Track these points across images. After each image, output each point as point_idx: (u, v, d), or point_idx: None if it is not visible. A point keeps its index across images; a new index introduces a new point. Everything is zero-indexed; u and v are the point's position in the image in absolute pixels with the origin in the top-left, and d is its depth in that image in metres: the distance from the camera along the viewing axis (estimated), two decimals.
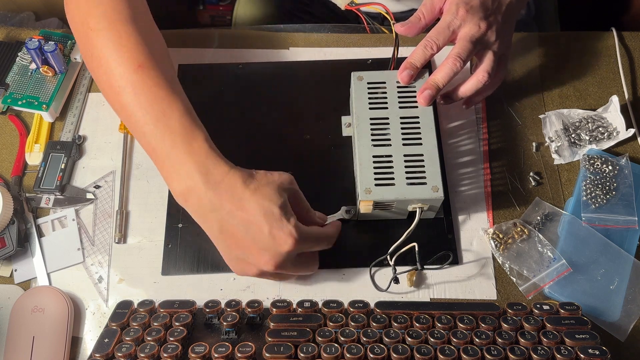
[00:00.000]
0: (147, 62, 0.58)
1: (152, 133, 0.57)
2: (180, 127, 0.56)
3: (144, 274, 0.65)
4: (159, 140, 0.56)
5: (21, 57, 0.76)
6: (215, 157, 0.56)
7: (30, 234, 0.67)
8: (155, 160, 0.58)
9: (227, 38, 0.81)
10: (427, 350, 0.54)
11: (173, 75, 0.60)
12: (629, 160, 0.69)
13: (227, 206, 0.55)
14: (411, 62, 0.65)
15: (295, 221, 0.55)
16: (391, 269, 0.63)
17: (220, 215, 0.55)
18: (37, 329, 0.61)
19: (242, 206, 0.54)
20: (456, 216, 0.68)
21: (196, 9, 1.46)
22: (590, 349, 0.54)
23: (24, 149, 0.72)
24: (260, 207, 0.54)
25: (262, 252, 0.55)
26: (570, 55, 0.79)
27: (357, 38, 0.80)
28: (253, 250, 0.55)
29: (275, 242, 0.54)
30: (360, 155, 0.63)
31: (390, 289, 0.64)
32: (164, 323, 0.57)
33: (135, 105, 0.57)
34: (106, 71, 0.59)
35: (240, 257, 0.57)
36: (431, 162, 0.62)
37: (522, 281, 0.64)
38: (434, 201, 0.61)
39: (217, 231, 0.56)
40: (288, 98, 0.75)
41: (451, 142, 0.72)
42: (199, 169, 0.55)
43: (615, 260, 0.64)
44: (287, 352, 0.53)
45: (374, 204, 0.61)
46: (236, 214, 0.54)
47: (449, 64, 0.62)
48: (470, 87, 0.65)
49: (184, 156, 0.56)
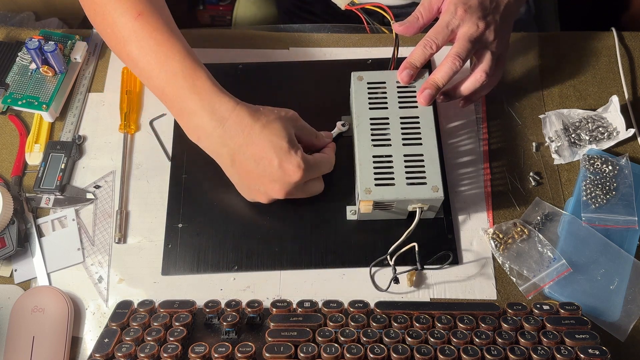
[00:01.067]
0: (146, 9, 0.61)
1: (158, 77, 0.60)
2: (182, 68, 0.60)
3: (144, 274, 0.65)
4: (165, 82, 0.60)
5: (21, 57, 0.76)
6: (220, 94, 0.60)
7: (30, 234, 0.67)
8: (165, 103, 0.62)
9: (227, 38, 0.81)
10: (427, 350, 0.54)
11: (172, 21, 0.64)
12: (629, 160, 0.69)
13: (236, 141, 0.59)
14: (411, 61, 0.65)
15: (302, 153, 0.60)
16: (391, 269, 0.63)
17: (231, 149, 0.59)
18: (37, 329, 0.61)
19: (251, 141, 0.58)
20: (456, 216, 0.68)
21: (196, 9, 1.46)
22: (590, 349, 0.54)
23: (24, 149, 0.72)
24: (269, 142, 0.58)
25: (273, 183, 0.60)
26: (570, 55, 0.79)
27: (357, 38, 0.80)
28: (264, 181, 0.60)
29: (285, 173, 0.59)
30: (360, 155, 0.63)
31: (390, 289, 0.64)
32: (164, 323, 0.57)
33: (139, 52, 0.61)
34: (110, 24, 0.62)
35: (252, 187, 0.62)
36: (431, 162, 0.62)
37: (522, 281, 0.64)
38: (434, 201, 0.61)
39: (229, 164, 0.61)
40: (288, 98, 0.75)
41: (451, 142, 0.72)
42: (204, 107, 0.59)
43: (615, 260, 0.64)
44: (287, 352, 0.53)
45: (374, 204, 0.61)
46: (246, 149, 0.58)
47: (449, 63, 0.63)
48: (469, 86, 0.66)
49: (189, 95, 0.59)
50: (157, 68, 0.60)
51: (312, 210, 0.67)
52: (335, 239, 0.66)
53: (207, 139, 0.60)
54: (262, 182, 0.60)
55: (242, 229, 0.67)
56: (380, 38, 0.80)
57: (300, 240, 0.66)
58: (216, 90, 0.60)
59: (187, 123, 0.61)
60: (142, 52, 0.61)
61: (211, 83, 0.60)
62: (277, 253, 0.66)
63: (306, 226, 0.67)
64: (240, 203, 0.67)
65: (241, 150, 0.59)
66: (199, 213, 0.68)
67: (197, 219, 0.68)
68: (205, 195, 0.69)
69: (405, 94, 0.66)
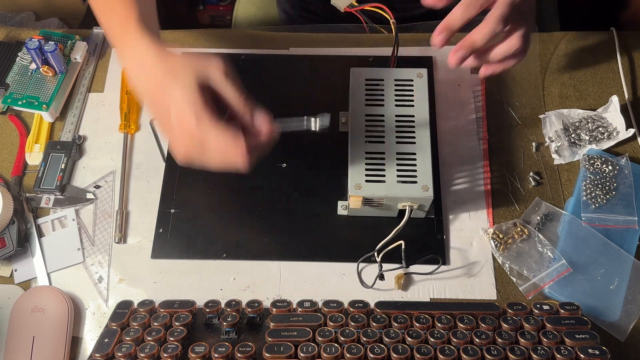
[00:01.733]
0: None
1: (105, 25, 0.62)
2: (121, 10, 0.59)
3: (144, 274, 0.65)
4: (107, 28, 0.61)
5: (21, 57, 0.76)
6: (143, 37, 0.57)
7: (30, 234, 0.67)
8: (114, 48, 0.62)
9: (227, 38, 0.81)
10: (427, 350, 0.54)
11: None
12: (629, 160, 0.69)
13: (151, 87, 0.56)
14: (448, 24, 0.59)
15: (204, 111, 0.53)
16: (377, 266, 0.63)
17: (148, 95, 0.57)
18: (37, 329, 0.61)
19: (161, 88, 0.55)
20: (453, 215, 0.68)
21: (196, 9, 1.46)
22: (590, 349, 0.54)
23: (24, 149, 0.72)
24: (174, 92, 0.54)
25: (172, 130, 0.55)
26: (570, 55, 0.79)
27: (357, 38, 0.80)
28: (167, 127, 0.56)
29: (181, 124, 0.54)
30: (352, 151, 0.63)
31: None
32: (164, 323, 0.57)
33: (95, 5, 0.63)
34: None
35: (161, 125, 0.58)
36: (423, 162, 0.62)
37: (522, 281, 0.64)
38: (424, 200, 0.61)
39: (145, 104, 0.60)
40: (289, 91, 0.75)
41: (451, 142, 0.72)
42: (130, 53, 0.58)
43: (615, 260, 0.64)
44: (287, 352, 0.53)
45: (364, 200, 0.61)
46: (155, 95, 0.56)
47: (491, 25, 0.58)
48: (502, 51, 0.61)
49: (121, 40, 0.59)
50: (103, 18, 0.62)
51: (304, 203, 0.68)
52: (324, 233, 0.67)
53: (131, 81, 0.59)
54: (168, 132, 0.56)
55: (234, 218, 0.68)
56: (380, 38, 0.80)
57: (290, 232, 0.67)
58: (143, 34, 0.58)
59: (123, 64, 0.60)
60: (97, 6, 0.63)
61: (139, 26, 0.58)
62: (265, 244, 0.66)
63: (297, 219, 0.67)
64: (234, 192, 0.68)
65: (151, 94, 0.56)
66: (192, 200, 0.69)
67: (190, 206, 0.68)
68: (199, 183, 0.70)
69: (402, 92, 0.66)
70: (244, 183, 0.69)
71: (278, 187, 0.69)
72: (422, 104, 0.66)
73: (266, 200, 0.68)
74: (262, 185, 0.69)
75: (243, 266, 0.65)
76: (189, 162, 0.57)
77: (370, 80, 0.67)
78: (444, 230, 0.66)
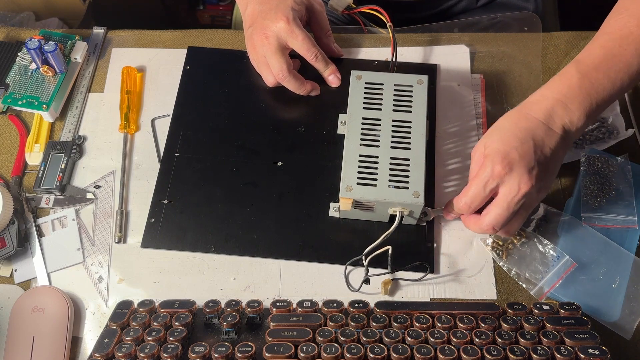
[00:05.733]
0: None
1: None
2: None
3: (144, 274, 0.65)
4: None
5: (21, 57, 0.76)
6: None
7: (30, 234, 0.67)
8: None
9: (227, 38, 0.81)
10: (427, 350, 0.54)
11: None
12: (629, 160, 0.69)
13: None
14: (451, 211, 0.63)
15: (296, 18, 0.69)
16: (364, 269, 0.63)
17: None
18: (37, 329, 0.61)
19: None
20: (439, 222, 0.67)
21: (196, 9, 1.46)
22: (590, 349, 0.54)
23: (24, 149, 0.72)
24: None
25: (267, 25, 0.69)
26: (570, 55, 0.79)
27: (357, 38, 0.80)
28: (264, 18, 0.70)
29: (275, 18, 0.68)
30: (347, 153, 0.63)
31: (376, 293, 0.63)
32: (164, 323, 0.57)
33: None
34: None
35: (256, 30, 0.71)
36: (416, 168, 0.62)
37: (532, 285, 0.63)
38: (414, 206, 0.61)
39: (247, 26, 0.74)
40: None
41: (451, 145, 0.72)
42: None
43: (616, 259, 0.64)
44: (287, 352, 0.53)
45: (354, 203, 0.61)
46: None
47: (482, 226, 0.59)
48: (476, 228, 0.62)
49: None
50: None
51: (296, 203, 0.68)
52: (314, 233, 0.66)
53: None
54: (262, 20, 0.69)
55: (225, 213, 0.68)
56: (379, 38, 0.79)
57: (280, 231, 0.67)
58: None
59: None
60: None
61: None
62: (255, 240, 0.66)
63: (288, 217, 0.67)
64: (228, 187, 0.69)
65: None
66: (186, 192, 0.69)
67: (183, 198, 0.68)
68: (194, 176, 0.70)
69: (400, 98, 0.66)
70: (238, 178, 0.69)
71: (272, 184, 0.69)
72: (420, 110, 0.66)
73: (259, 197, 0.68)
74: (257, 182, 0.69)
75: (243, 266, 0.65)
76: None
77: (369, 84, 0.67)
78: (434, 238, 0.66)
